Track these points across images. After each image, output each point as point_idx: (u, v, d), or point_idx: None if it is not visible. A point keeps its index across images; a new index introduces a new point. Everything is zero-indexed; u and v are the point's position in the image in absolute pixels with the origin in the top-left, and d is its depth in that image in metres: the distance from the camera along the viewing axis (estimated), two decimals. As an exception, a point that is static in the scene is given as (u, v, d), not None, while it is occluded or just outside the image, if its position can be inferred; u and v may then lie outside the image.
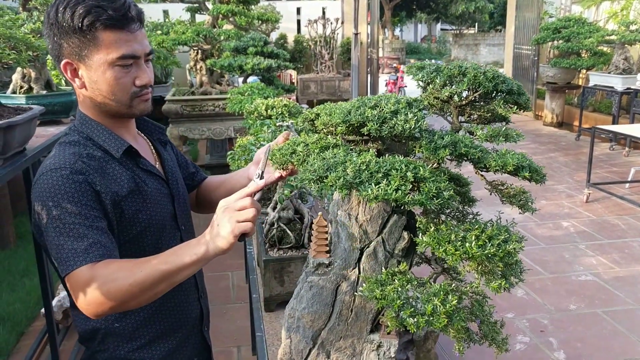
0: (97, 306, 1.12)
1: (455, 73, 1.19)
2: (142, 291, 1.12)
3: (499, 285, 1.13)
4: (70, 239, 1.17)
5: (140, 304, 1.16)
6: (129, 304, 1.14)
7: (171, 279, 1.15)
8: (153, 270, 1.12)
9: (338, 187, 1.07)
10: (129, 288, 1.11)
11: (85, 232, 1.18)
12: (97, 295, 1.11)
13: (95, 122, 1.36)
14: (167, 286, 1.16)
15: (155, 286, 1.13)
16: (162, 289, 1.15)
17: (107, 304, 1.11)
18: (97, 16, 1.22)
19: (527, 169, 1.15)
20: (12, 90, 2.86)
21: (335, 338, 1.32)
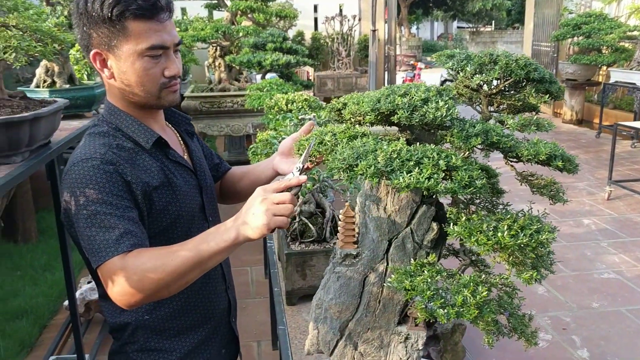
0: (129, 297, 1.11)
1: (486, 61, 1.18)
2: (174, 280, 1.12)
3: (530, 276, 1.12)
4: (101, 229, 1.16)
5: (171, 293, 1.16)
6: (161, 293, 1.13)
7: (202, 266, 1.14)
8: (184, 259, 1.12)
9: (368, 176, 1.06)
10: (161, 278, 1.11)
11: (116, 222, 1.17)
12: (129, 286, 1.10)
13: (124, 112, 1.35)
14: (199, 273, 1.16)
15: (186, 274, 1.13)
16: (193, 277, 1.15)
17: (140, 294, 1.11)
18: (127, 6, 1.21)
19: (560, 158, 1.14)
20: (35, 84, 2.89)
21: (362, 329, 1.31)
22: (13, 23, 1.95)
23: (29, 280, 4.03)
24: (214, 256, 1.14)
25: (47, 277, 4.06)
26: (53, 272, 4.07)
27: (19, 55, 1.86)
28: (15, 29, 1.94)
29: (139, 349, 1.41)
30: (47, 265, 4.25)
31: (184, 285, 1.16)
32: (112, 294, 1.14)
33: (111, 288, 1.13)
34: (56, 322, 3.57)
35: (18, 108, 1.97)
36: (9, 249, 4.50)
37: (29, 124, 1.91)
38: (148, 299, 1.14)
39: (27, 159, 1.99)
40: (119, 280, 1.11)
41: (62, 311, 3.64)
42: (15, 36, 1.89)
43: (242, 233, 1.14)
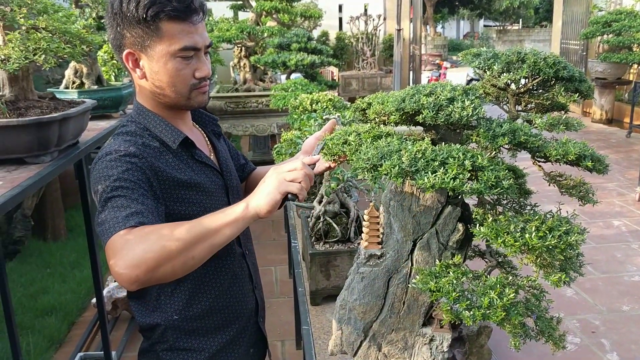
0: (131, 269, 1.03)
1: (514, 59, 1.16)
2: (179, 251, 1.05)
3: (559, 278, 1.10)
4: (113, 210, 1.13)
5: (176, 271, 1.07)
6: (164, 267, 1.04)
7: (208, 239, 1.09)
8: (189, 230, 1.08)
9: (393, 176, 1.05)
10: (165, 247, 1.05)
11: (128, 203, 1.15)
12: (131, 257, 1.04)
13: (153, 113, 1.37)
14: (206, 249, 1.09)
15: (192, 246, 1.07)
16: (200, 252, 1.08)
17: (142, 266, 1.03)
18: (162, 7, 1.23)
19: (589, 158, 1.11)
20: (64, 85, 2.94)
21: (386, 330, 1.30)
22: (43, 25, 1.98)
23: (58, 277, 4.11)
24: (221, 229, 1.10)
25: (75, 275, 4.13)
26: (81, 269, 4.14)
27: (48, 57, 1.89)
28: (44, 31, 1.97)
29: (168, 348, 1.42)
30: (75, 263, 4.32)
31: (190, 262, 1.08)
32: (114, 268, 1.05)
33: (114, 262, 1.05)
34: (84, 319, 3.63)
35: (47, 109, 2.01)
36: (39, 246, 4.59)
37: (58, 124, 1.94)
38: (150, 274, 1.04)
39: (56, 159, 2.03)
40: (121, 252, 1.05)
41: (90, 308, 3.70)
42: (44, 38, 1.92)
43: (251, 205, 1.12)
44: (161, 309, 1.39)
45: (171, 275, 1.07)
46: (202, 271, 1.40)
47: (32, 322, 3.50)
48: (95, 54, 2.99)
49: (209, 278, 1.42)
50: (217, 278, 1.44)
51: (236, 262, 1.50)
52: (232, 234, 1.12)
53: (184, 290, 1.39)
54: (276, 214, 5.52)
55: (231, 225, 1.11)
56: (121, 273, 1.03)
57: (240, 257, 1.52)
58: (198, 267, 1.11)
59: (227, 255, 1.46)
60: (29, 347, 3.18)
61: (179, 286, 1.38)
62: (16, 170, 1.90)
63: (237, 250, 1.51)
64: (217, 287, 1.44)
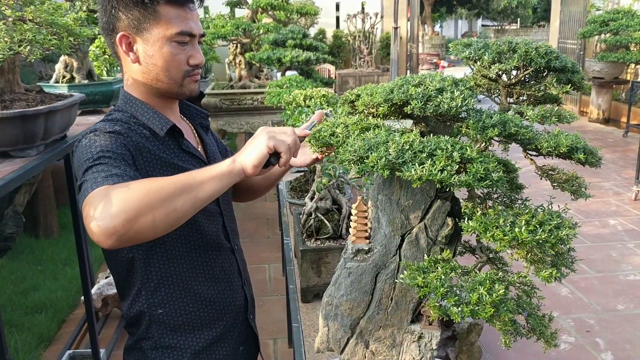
0: (109, 219, 0.96)
1: (505, 49, 1.13)
2: (161, 200, 0.99)
3: (550, 274, 1.07)
4: (93, 174, 1.09)
5: (157, 223, 1.00)
6: (145, 217, 0.98)
7: (192, 192, 1.04)
8: (173, 181, 1.03)
9: (379, 168, 1.02)
10: (147, 194, 0.99)
11: (109, 169, 1.11)
12: (109, 207, 0.97)
13: (140, 101, 1.35)
14: (189, 202, 1.03)
15: (175, 197, 1.01)
16: (183, 205, 1.02)
17: (120, 215, 0.96)
18: None
19: (582, 151, 1.08)
20: (55, 79, 2.90)
21: (374, 327, 1.27)
22: (30, 17, 1.95)
23: (49, 274, 4.07)
24: (206, 182, 1.05)
25: (67, 272, 4.10)
26: (73, 266, 4.10)
27: (34, 48, 1.85)
28: (31, 23, 1.94)
29: (153, 346, 1.39)
30: (67, 260, 4.29)
31: (172, 214, 1.01)
32: (90, 221, 0.98)
33: (91, 214, 0.98)
34: (75, 317, 3.60)
35: (34, 102, 1.97)
36: (31, 243, 4.56)
37: (44, 118, 1.91)
38: (130, 224, 0.97)
39: (42, 153, 2.00)
40: (99, 204, 0.98)
41: (81, 306, 3.66)
42: (31, 29, 1.89)
43: (238, 160, 1.10)
44: (146, 303, 1.36)
45: (152, 228, 0.99)
46: (188, 264, 1.37)
47: (21, 319, 3.46)
48: (87, 48, 2.95)
49: (195, 271, 1.39)
50: (204, 271, 1.41)
51: (224, 257, 1.47)
52: (217, 189, 1.08)
53: (169, 283, 1.36)
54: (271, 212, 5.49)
55: (216, 179, 1.07)
56: (98, 225, 0.96)
57: (229, 252, 1.50)
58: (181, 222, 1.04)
59: (215, 249, 1.44)
60: (17, 345, 3.15)
61: (164, 279, 1.35)
62: (1, 164, 1.87)
63: (225, 245, 1.48)
64: (203, 281, 1.41)
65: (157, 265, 1.33)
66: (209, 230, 1.41)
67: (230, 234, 1.50)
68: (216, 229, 1.43)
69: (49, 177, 4.67)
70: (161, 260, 1.33)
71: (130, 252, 1.32)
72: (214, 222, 1.44)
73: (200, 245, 1.38)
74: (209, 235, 1.41)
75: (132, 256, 1.32)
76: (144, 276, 1.34)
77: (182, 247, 1.35)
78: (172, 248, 1.34)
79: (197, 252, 1.38)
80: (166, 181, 1.02)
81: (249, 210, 5.51)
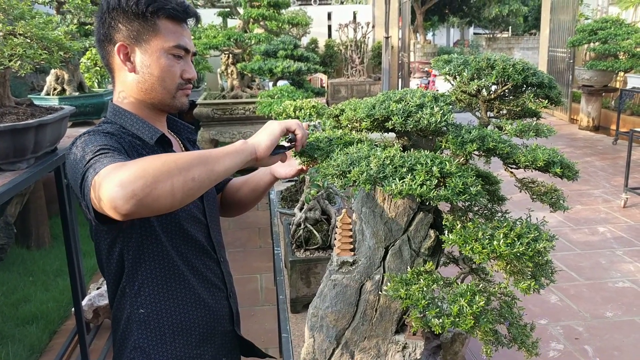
0: (128, 183, 0.96)
1: (484, 65, 1.16)
2: (178, 169, 1.02)
3: (528, 286, 1.09)
4: (96, 163, 1.09)
5: (175, 190, 1.01)
6: (164, 183, 0.99)
7: (209, 164, 1.08)
8: (188, 154, 1.07)
9: (361, 182, 1.05)
10: (165, 162, 1.01)
11: (112, 156, 1.12)
12: (127, 173, 0.98)
13: (130, 112, 1.38)
14: (205, 173, 1.07)
15: (191, 167, 1.04)
16: (200, 174, 1.06)
17: (139, 180, 0.97)
18: (163, 5, 1.32)
19: (559, 165, 1.11)
20: (46, 92, 2.92)
21: (359, 338, 1.29)
22: (20, 31, 1.97)
23: (40, 285, 4.06)
24: (221, 157, 1.12)
25: (58, 283, 4.09)
26: (64, 277, 4.09)
27: (24, 62, 1.87)
28: (22, 37, 1.96)
29: (132, 347, 1.40)
30: (59, 271, 4.28)
31: (190, 183, 1.03)
32: (106, 190, 0.98)
33: (107, 184, 0.98)
34: (66, 328, 3.59)
35: (24, 115, 1.99)
36: (22, 254, 4.54)
37: (34, 131, 1.92)
38: (149, 189, 0.97)
39: (32, 166, 2.01)
40: (116, 173, 0.99)
41: (72, 317, 3.65)
42: (21, 44, 1.91)
43: (250, 141, 1.21)
44: (129, 301, 1.39)
45: (170, 194, 1.00)
46: (173, 268, 1.39)
47: (12, 331, 3.45)
48: (77, 60, 2.97)
49: (179, 276, 1.41)
50: (187, 277, 1.42)
51: (209, 266, 1.49)
52: (231, 165, 1.14)
53: (152, 285, 1.38)
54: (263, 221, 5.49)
55: (231, 155, 1.15)
56: (116, 190, 0.96)
57: (214, 263, 1.52)
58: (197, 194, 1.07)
59: (200, 257, 1.46)
60: (8, 357, 3.14)
61: (148, 280, 1.38)
62: (-9, 177, 1.88)
63: (211, 255, 1.50)
64: (185, 286, 1.43)
65: (143, 266, 1.36)
66: (195, 238, 1.43)
67: (216, 245, 1.52)
68: (202, 238, 1.46)
69: (41, 188, 4.67)
70: (148, 261, 1.36)
71: (120, 248, 1.35)
72: (199, 232, 1.46)
73: (185, 252, 1.41)
74: (194, 243, 1.43)
75: (122, 254, 1.35)
76: (129, 275, 1.37)
77: (169, 251, 1.37)
78: (159, 250, 1.36)
79: (182, 258, 1.41)
80: (182, 154, 1.07)
81: (241, 219, 5.52)
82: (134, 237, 1.33)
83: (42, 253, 4.61)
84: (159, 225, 1.34)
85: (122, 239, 1.33)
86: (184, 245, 1.40)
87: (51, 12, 3.24)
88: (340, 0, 13.67)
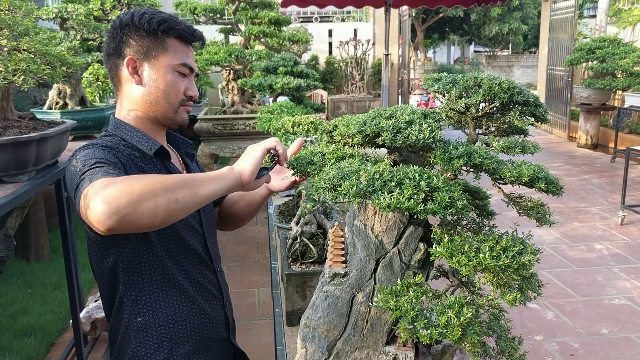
0: (113, 199, 1.01)
1: (471, 84, 1.20)
2: (163, 190, 1.06)
3: (514, 298, 1.12)
4: (90, 175, 1.15)
5: (158, 210, 1.05)
6: (147, 202, 1.04)
7: (194, 187, 1.12)
8: (174, 176, 1.13)
9: (351, 196, 1.08)
10: (150, 183, 1.06)
11: (106, 170, 1.18)
12: (113, 189, 1.03)
13: (130, 125, 1.44)
14: (189, 196, 1.11)
15: (176, 189, 1.09)
16: (184, 197, 1.10)
17: (124, 197, 1.02)
18: (173, 25, 1.42)
19: (543, 180, 1.14)
20: (48, 106, 2.97)
21: (350, 349, 1.32)
22: (24, 47, 2.02)
23: (39, 298, 4.08)
24: (206, 182, 1.16)
25: (57, 295, 4.11)
26: (63, 290, 4.12)
27: (27, 77, 1.92)
28: (25, 53, 2.00)
29: (130, 356, 1.43)
30: (57, 284, 4.30)
31: (173, 204, 1.07)
32: (93, 204, 1.03)
33: (93, 197, 1.03)
34: (64, 340, 3.61)
35: (26, 129, 2.03)
36: (21, 266, 4.57)
37: (36, 144, 1.97)
38: (132, 207, 1.02)
39: (34, 178, 2.05)
40: (103, 189, 1.04)
41: (70, 329, 3.66)
42: (25, 59, 1.96)
43: (236, 167, 1.25)
44: (126, 310, 1.42)
45: (152, 214, 1.05)
46: (169, 277, 1.43)
47: (10, 342, 3.47)
48: (80, 75, 3.02)
49: (175, 284, 1.44)
50: (183, 285, 1.46)
51: (206, 275, 1.53)
52: (216, 190, 1.18)
53: (150, 293, 1.41)
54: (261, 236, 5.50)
55: (216, 180, 1.19)
56: (101, 205, 1.01)
57: (211, 273, 1.55)
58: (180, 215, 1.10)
59: (197, 264, 1.49)
60: (5, 368, 3.16)
61: (146, 288, 1.41)
62: (-7, 189, 1.92)
63: (208, 265, 1.53)
64: (182, 294, 1.46)
65: (139, 275, 1.39)
66: (192, 247, 1.47)
67: (212, 255, 1.55)
68: (198, 248, 1.49)
69: (41, 201, 4.70)
70: (144, 270, 1.39)
71: (115, 258, 1.38)
72: (196, 241, 1.50)
73: (182, 260, 1.44)
74: (191, 251, 1.47)
75: (116, 263, 1.38)
76: (126, 285, 1.40)
77: (165, 260, 1.41)
78: (155, 259, 1.39)
79: (178, 266, 1.44)
80: (169, 176, 1.12)
81: (240, 234, 5.55)
82: (128, 246, 1.36)
83: (41, 266, 4.63)
84: (155, 234, 1.38)
85: (115, 248, 1.37)
86: (181, 254, 1.44)
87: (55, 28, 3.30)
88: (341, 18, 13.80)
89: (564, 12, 10.84)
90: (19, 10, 2.09)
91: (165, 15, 1.44)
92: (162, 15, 1.43)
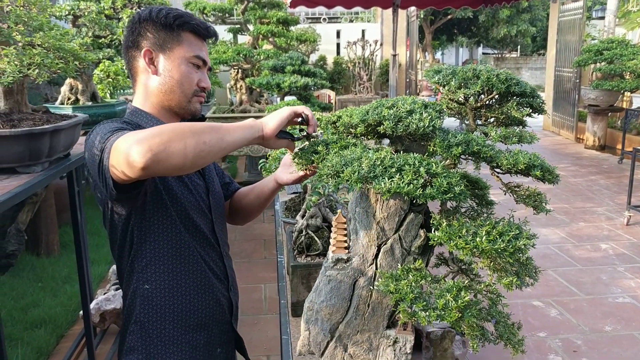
0: (145, 141, 1.10)
1: (470, 75, 1.24)
2: (191, 132, 1.14)
3: (510, 282, 1.16)
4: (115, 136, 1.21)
5: (188, 150, 1.13)
6: (177, 143, 1.12)
7: (220, 132, 1.21)
8: (201, 123, 1.20)
9: (353, 181, 1.13)
10: (177, 126, 1.15)
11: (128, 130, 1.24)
12: (145, 133, 1.12)
13: (146, 112, 1.52)
14: (215, 139, 1.19)
15: (203, 133, 1.17)
16: (211, 140, 1.18)
17: (155, 138, 1.11)
18: (188, 20, 1.50)
19: (539, 168, 1.18)
20: (60, 101, 3.03)
21: (352, 332, 1.36)
22: (39, 42, 2.08)
23: (49, 291, 4.15)
24: (232, 129, 1.24)
25: (66, 289, 4.17)
26: (73, 284, 4.18)
27: (42, 71, 1.98)
28: (39, 47, 2.06)
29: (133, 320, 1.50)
30: (67, 278, 4.37)
31: (201, 146, 1.15)
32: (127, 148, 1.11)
33: (127, 145, 1.11)
34: (73, 332, 3.67)
35: (40, 121, 2.09)
36: (32, 261, 4.64)
37: (49, 136, 2.02)
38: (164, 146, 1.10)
39: (47, 169, 2.10)
40: (135, 136, 1.12)
41: (79, 322, 3.73)
42: (39, 54, 2.01)
43: (259, 120, 1.33)
44: (135, 276, 1.48)
45: (182, 154, 1.12)
46: (177, 250, 1.49)
47: (21, 334, 3.53)
48: (91, 71, 3.08)
49: (184, 257, 1.50)
50: (189, 261, 1.51)
51: (212, 257, 1.58)
52: (240, 139, 1.26)
53: (158, 263, 1.48)
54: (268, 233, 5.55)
55: (240, 129, 1.27)
56: (133, 146, 1.10)
57: (217, 256, 1.60)
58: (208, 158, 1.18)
59: (204, 245, 1.55)
60: (17, 359, 3.22)
61: (155, 258, 1.47)
62: (7, 179, 1.97)
63: (215, 248, 1.58)
64: (190, 269, 1.52)
65: (150, 243, 1.46)
66: (200, 228, 1.53)
67: (220, 240, 1.60)
68: (206, 231, 1.55)
69: (52, 196, 4.77)
70: (158, 238, 1.46)
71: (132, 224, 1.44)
72: (205, 224, 1.55)
73: (190, 237, 1.50)
74: (199, 232, 1.53)
75: (132, 229, 1.45)
76: (137, 250, 1.46)
77: (180, 229, 1.48)
78: (171, 228, 1.46)
79: (187, 242, 1.50)
80: (196, 123, 1.20)
81: (247, 231, 5.60)
82: (146, 213, 1.43)
83: (51, 260, 4.70)
84: (172, 205, 1.45)
85: (134, 215, 1.43)
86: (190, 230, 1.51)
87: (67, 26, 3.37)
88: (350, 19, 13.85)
89: (572, 13, 10.84)
90: (34, 6, 2.15)
91: (181, 11, 1.52)
92: (179, 11, 1.51)
